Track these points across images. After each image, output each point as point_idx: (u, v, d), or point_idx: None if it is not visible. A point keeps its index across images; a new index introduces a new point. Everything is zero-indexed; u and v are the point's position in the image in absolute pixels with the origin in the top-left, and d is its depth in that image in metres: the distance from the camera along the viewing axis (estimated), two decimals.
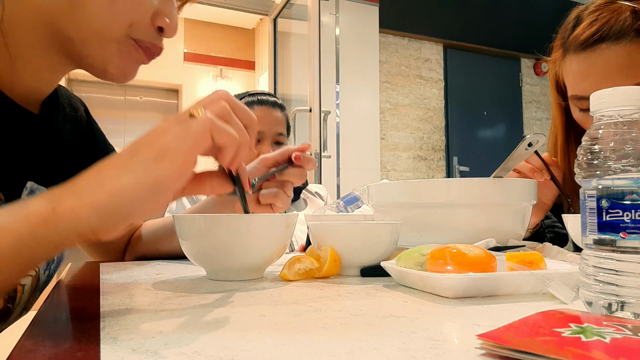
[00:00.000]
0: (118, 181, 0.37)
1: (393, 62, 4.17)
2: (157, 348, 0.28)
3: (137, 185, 0.37)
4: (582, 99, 0.84)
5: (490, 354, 0.26)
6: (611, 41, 0.78)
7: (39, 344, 0.31)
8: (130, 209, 0.37)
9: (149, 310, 0.39)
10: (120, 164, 0.38)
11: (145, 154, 0.38)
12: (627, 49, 0.77)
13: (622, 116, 0.35)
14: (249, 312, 0.38)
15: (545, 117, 4.80)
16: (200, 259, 0.56)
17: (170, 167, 0.38)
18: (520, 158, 0.76)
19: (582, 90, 0.84)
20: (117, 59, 0.53)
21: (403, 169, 4.15)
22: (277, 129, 1.40)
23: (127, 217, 0.37)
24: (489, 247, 0.62)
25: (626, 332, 0.27)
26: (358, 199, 0.99)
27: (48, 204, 0.35)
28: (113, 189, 0.36)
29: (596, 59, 0.80)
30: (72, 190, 0.36)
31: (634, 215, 0.33)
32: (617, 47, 0.78)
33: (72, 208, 0.35)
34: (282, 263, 0.58)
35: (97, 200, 0.36)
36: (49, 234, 0.35)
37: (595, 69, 0.80)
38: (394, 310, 0.39)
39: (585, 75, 0.82)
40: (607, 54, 0.79)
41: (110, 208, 0.36)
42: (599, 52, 0.79)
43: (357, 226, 0.62)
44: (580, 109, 0.87)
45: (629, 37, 0.77)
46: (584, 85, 0.83)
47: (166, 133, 0.40)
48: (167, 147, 0.39)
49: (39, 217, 0.35)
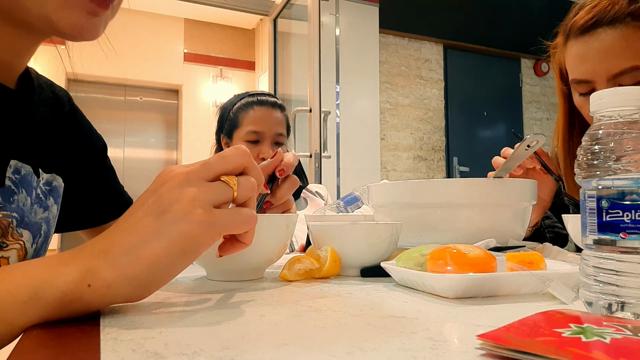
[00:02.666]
0: (152, 250, 0.36)
1: (393, 63, 4.17)
2: (157, 348, 0.28)
3: (170, 251, 0.36)
4: (582, 82, 0.88)
5: (490, 354, 0.26)
6: (607, 25, 0.82)
7: (39, 344, 0.31)
8: (165, 275, 0.37)
9: (149, 310, 0.39)
10: (150, 229, 0.37)
11: (173, 214, 0.37)
12: (623, 32, 0.81)
13: (622, 116, 0.35)
14: (249, 313, 0.38)
15: (545, 118, 4.80)
16: (200, 259, 0.56)
17: (200, 227, 0.37)
18: (521, 158, 0.76)
19: (581, 73, 0.87)
20: (60, 11, 0.49)
21: (403, 169, 4.15)
22: (277, 129, 1.40)
23: (161, 283, 0.38)
24: (489, 247, 0.62)
25: (626, 333, 0.27)
26: (358, 199, 0.99)
27: (83, 279, 0.35)
28: (148, 260, 0.36)
29: (594, 42, 0.84)
30: (106, 261, 0.36)
31: (634, 216, 0.33)
32: (613, 31, 0.81)
33: (108, 283, 0.35)
34: (282, 263, 0.58)
35: (133, 272, 0.36)
36: (82, 307, 0.35)
37: (593, 52, 0.84)
38: (394, 310, 0.39)
39: (584, 58, 0.86)
40: (603, 38, 0.82)
41: (145, 278, 0.36)
42: (596, 36, 0.83)
43: (357, 226, 0.62)
44: (580, 93, 0.90)
45: (625, 21, 0.81)
46: (583, 68, 0.86)
47: (190, 184, 0.38)
48: (195, 204, 0.37)
49: (74, 294, 0.35)
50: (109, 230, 0.38)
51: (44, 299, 0.34)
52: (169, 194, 0.38)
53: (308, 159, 2.48)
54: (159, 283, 0.38)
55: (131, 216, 0.38)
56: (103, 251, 0.36)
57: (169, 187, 0.38)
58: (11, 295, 0.34)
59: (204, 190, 0.38)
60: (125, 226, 0.38)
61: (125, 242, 0.36)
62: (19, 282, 0.35)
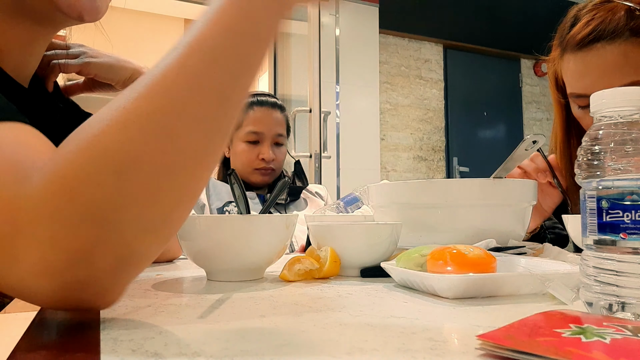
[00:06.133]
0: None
1: (393, 63, 4.17)
2: (157, 348, 0.28)
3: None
4: (580, 96, 0.86)
5: (490, 354, 0.26)
6: (606, 40, 0.80)
7: (39, 345, 0.31)
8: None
9: (149, 311, 0.39)
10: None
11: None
12: (622, 48, 0.79)
13: (622, 117, 0.35)
14: (249, 313, 0.38)
15: (545, 118, 4.80)
16: (200, 260, 0.56)
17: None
18: (520, 159, 0.76)
19: (579, 88, 0.86)
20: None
21: (403, 169, 4.15)
22: (277, 129, 1.40)
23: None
24: (489, 247, 0.62)
25: (626, 333, 0.27)
26: (358, 200, 0.99)
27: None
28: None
29: (592, 58, 0.82)
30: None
31: (634, 216, 0.33)
32: (612, 47, 0.80)
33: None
34: (282, 264, 0.58)
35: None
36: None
37: (592, 68, 0.82)
38: (394, 310, 0.39)
39: (583, 74, 0.84)
40: (602, 53, 0.80)
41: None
42: (595, 52, 0.81)
43: (357, 227, 0.62)
44: (579, 105, 0.89)
45: (624, 36, 0.79)
46: (582, 83, 0.85)
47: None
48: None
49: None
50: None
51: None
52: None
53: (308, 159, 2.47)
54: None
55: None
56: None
57: None
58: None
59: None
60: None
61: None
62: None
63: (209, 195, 1.33)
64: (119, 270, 0.32)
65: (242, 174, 1.38)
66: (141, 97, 0.31)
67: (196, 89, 0.32)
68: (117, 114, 0.31)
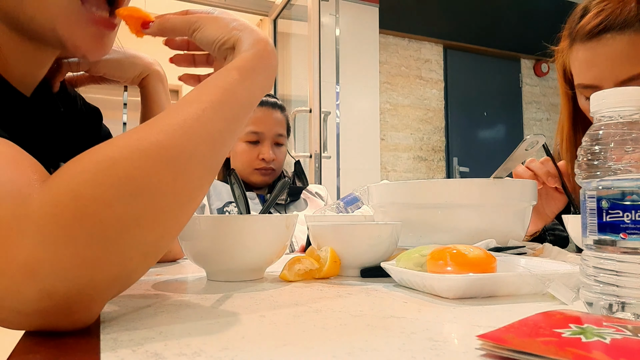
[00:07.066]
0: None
1: (393, 63, 4.16)
2: (157, 348, 0.28)
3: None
4: (588, 87, 0.86)
5: (490, 354, 0.26)
6: (616, 31, 0.80)
7: (39, 345, 0.31)
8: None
9: (149, 310, 0.39)
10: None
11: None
12: (632, 39, 0.79)
13: (622, 117, 0.35)
14: (248, 313, 0.38)
15: (545, 118, 4.80)
16: (200, 260, 0.56)
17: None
18: (520, 159, 0.76)
19: (588, 79, 0.86)
20: (67, 28, 0.50)
21: (403, 169, 4.15)
22: (277, 129, 1.40)
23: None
24: (489, 247, 0.62)
25: (626, 333, 0.27)
26: (358, 200, 0.99)
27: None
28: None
29: (601, 48, 0.82)
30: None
31: (634, 216, 0.33)
32: (621, 37, 0.80)
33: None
34: (282, 264, 0.58)
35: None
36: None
37: (601, 59, 0.82)
38: (394, 310, 0.39)
39: (591, 64, 0.84)
40: (612, 44, 0.80)
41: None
42: (604, 42, 0.81)
43: (357, 227, 0.62)
44: (586, 97, 0.89)
45: (634, 27, 0.79)
46: (590, 74, 0.85)
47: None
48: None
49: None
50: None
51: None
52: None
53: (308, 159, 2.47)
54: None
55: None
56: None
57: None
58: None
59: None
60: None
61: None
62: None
63: (209, 196, 1.33)
64: (109, 288, 0.34)
65: (242, 174, 1.38)
66: (162, 133, 0.36)
67: (206, 135, 0.39)
68: (138, 143, 0.35)
